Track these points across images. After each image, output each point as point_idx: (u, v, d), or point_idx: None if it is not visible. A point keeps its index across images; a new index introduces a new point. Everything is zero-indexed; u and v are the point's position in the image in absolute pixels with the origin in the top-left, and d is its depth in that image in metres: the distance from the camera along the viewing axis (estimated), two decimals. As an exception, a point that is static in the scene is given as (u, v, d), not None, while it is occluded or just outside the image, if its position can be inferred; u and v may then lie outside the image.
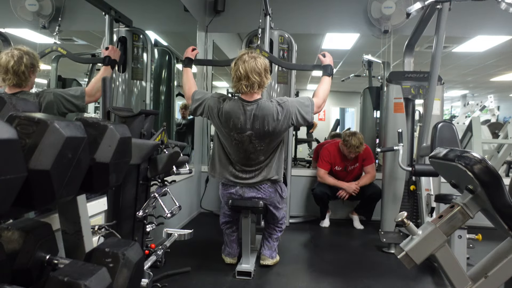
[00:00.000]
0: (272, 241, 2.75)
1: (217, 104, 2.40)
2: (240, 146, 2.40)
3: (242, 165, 2.47)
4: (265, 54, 2.76)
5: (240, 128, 2.36)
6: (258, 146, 2.40)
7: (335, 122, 10.53)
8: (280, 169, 2.54)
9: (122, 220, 1.79)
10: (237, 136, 2.38)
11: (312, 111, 2.45)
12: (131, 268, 0.97)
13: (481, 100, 8.18)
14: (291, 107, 2.39)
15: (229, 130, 2.39)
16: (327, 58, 2.67)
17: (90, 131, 0.96)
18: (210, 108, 2.43)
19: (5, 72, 1.87)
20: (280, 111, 2.36)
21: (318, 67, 2.74)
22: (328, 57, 2.67)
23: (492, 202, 1.26)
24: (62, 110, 2.09)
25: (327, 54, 2.69)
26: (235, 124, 2.35)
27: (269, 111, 2.34)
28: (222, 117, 2.38)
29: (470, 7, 3.89)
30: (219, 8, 4.19)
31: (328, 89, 2.59)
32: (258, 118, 2.34)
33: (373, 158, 4.03)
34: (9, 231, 0.91)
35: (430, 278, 2.60)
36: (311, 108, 2.44)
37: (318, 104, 2.50)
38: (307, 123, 2.48)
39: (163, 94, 4.01)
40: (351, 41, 5.56)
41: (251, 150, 2.40)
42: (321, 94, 2.54)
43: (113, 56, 2.46)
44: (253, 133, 2.36)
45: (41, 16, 2.76)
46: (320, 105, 2.51)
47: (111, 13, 2.81)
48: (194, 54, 2.74)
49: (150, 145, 1.73)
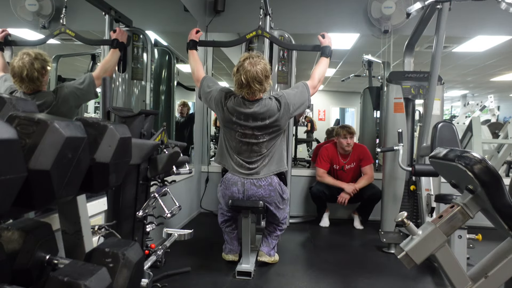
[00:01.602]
0: (271, 239, 2.76)
1: (223, 99, 2.49)
2: (243, 138, 2.47)
3: (246, 157, 2.52)
4: (266, 35, 2.85)
5: (242, 123, 2.44)
6: (261, 138, 2.47)
7: (335, 122, 10.55)
8: (282, 161, 2.58)
9: (122, 220, 1.79)
10: (240, 129, 2.46)
11: (309, 94, 2.55)
12: (131, 268, 0.97)
13: (481, 100, 8.18)
14: (288, 99, 2.47)
15: (232, 123, 2.47)
16: (326, 39, 2.71)
17: (90, 131, 0.96)
18: (216, 101, 2.52)
19: (20, 81, 1.95)
20: (279, 106, 2.44)
21: (317, 47, 2.76)
22: (327, 38, 2.71)
23: (492, 202, 1.26)
24: (78, 101, 2.18)
25: (327, 35, 2.73)
26: (238, 119, 2.44)
27: (270, 107, 2.42)
28: (226, 112, 2.47)
29: (470, 7, 3.88)
30: (219, 8, 4.19)
31: (325, 70, 2.68)
32: (260, 115, 2.42)
33: (371, 158, 4.04)
34: (9, 231, 0.91)
35: (430, 278, 2.60)
36: (307, 93, 2.55)
37: (314, 85, 2.60)
38: (307, 107, 2.60)
39: (163, 94, 4.01)
40: (351, 41, 5.55)
41: (253, 142, 2.47)
42: (317, 76, 2.62)
43: (121, 39, 2.49)
44: (255, 127, 2.44)
45: (41, 16, 2.75)
46: (315, 86, 2.61)
47: (111, 13, 2.81)
48: (198, 36, 2.79)
49: (150, 145, 1.73)
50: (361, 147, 4.09)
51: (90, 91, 2.20)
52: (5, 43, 2.26)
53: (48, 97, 2.03)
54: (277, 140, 2.54)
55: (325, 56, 2.67)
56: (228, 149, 2.57)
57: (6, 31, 2.25)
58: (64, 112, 2.05)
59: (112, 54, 2.46)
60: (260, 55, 2.42)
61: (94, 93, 2.22)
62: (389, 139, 3.38)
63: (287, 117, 2.50)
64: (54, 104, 2.01)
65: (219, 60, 6.28)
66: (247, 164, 2.51)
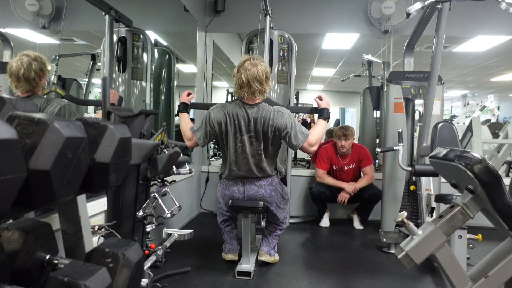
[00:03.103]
0: (271, 239, 2.76)
1: (221, 110, 2.46)
2: (243, 149, 2.44)
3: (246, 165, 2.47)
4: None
5: (242, 129, 2.42)
6: (258, 149, 2.44)
7: (335, 122, 10.55)
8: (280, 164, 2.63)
9: (122, 220, 1.79)
10: (240, 138, 2.43)
11: (303, 141, 2.42)
12: (131, 268, 0.97)
13: (481, 100, 8.17)
14: (286, 120, 2.40)
15: (234, 132, 2.43)
16: (323, 101, 2.66)
17: (90, 131, 0.96)
18: (214, 119, 2.45)
19: (17, 80, 1.93)
20: (274, 118, 2.39)
21: (315, 109, 2.73)
22: (325, 101, 2.67)
23: (492, 202, 1.26)
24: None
25: (323, 97, 2.69)
26: (239, 124, 2.42)
27: (267, 113, 2.40)
28: (227, 120, 2.42)
29: (470, 7, 3.89)
30: (219, 8, 4.19)
31: (323, 132, 2.59)
32: (258, 120, 2.40)
33: (371, 159, 4.04)
34: (9, 231, 0.91)
35: (430, 278, 2.60)
36: (303, 138, 2.43)
37: (311, 142, 2.46)
38: (292, 147, 2.45)
39: (163, 94, 4.01)
40: (351, 41, 5.56)
41: (252, 153, 2.45)
42: (315, 136, 2.51)
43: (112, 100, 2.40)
44: (253, 135, 2.42)
45: (41, 16, 2.76)
46: (312, 144, 2.47)
47: (111, 13, 2.81)
48: (190, 99, 2.69)
49: (150, 145, 1.73)
50: (361, 148, 4.08)
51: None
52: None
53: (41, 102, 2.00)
54: (275, 144, 2.52)
55: (323, 118, 2.61)
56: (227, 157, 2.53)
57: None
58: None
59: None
60: (260, 58, 2.43)
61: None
62: (389, 139, 3.38)
63: (278, 134, 2.42)
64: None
65: (219, 60, 6.28)
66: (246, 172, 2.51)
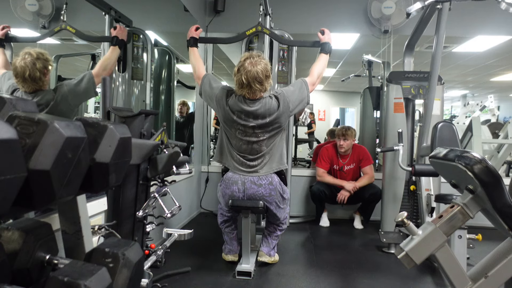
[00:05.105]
0: (271, 239, 2.76)
1: (224, 97, 2.49)
2: (244, 136, 2.47)
3: (247, 154, 2.52)
4: (266, 31, 2.87)
5: (243, 121, 2.44)
6: (261, 136, 2.48)
7: (335, 122, 10.54)
8: (282, 159, 2.59)
9: (122, 220, 1.79)
10: (241, 127, 2.46)
11: (308, 91, 2.55)
12: (131, 268, 0.97)
13: (481, 100, 8.17)
14: (287, 97, 2.48)
15: (233, 122, 2.47)
16: (326, 35, 2.70)
17: (90, 131, 0.96)
18: (217, 99, 2.51)
19: (23, 81, 1.96)
20: (278, 103, 2.45)
21: (317, 43, 2.76)
22: (327, 35, 2.71)
23: (492, 202, 1.26)
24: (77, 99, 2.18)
25: (326, 31, 2.72)
26: (239, 117, 2.44)
27: (271, 106, 2.43)
28: (227, 110, 2.46)
29: (470, 7, 3.88)
30: (219, 8, 4.19)
31: (324, 66, 2.67)
32: (260, 113, 2.43)
33: (371, 159, 4.04)
34: (9, 231, 0.91)
35: (430, 278, 2.60)
36: (306, 90, 2.54)
37: (312, 81, 2.59)
38: (306, 104, 2.59)
39: (163, 94, 4.00)
40: (351, 41, 5.55)
41: (254, 140, 2.47)
42: (316, 72, 2.62)
43: (121, 36, 2.47)
44: (255, 125, 2.45)
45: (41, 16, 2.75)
46: (314, 83, 2.60)
47: (111, 13, 2.81)
48: (198, 33, 2.79)
49: (150, 145, 1.72)
50: (360, 148, 4.09)
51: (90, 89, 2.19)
52: (6, 39, 2.27)
53: (48, 96, 2.03)
54: (277, 138, 2.55)
55: (324, 52, 2.67)
56: (228, 147, 2.57)
57: (7, 28, 2.26)
58: (63, 110, 2.05)
59: (112, 52, 2.45)
60: (260, 55, 2.42)
61: (94, 91, 2.22)
62: (389, 139, 3.38)
63: (287, 115, 2.50)
64: (53, 104, 2.01)
65: (219, 60, 6.28)
66: (248, 161, 2.52)
